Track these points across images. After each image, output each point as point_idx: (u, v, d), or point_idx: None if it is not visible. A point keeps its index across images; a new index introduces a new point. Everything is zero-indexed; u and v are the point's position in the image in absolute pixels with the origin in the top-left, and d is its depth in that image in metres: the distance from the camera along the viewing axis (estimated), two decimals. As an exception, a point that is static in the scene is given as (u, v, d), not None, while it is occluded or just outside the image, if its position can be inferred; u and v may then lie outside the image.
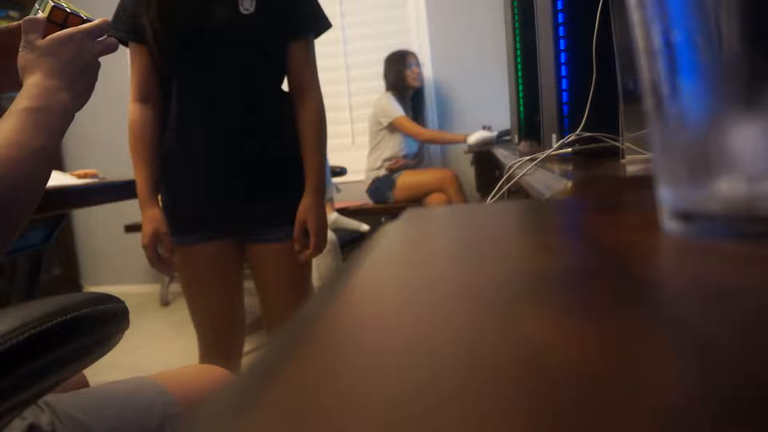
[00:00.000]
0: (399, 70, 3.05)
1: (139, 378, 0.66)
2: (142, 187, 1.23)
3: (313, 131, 1.28)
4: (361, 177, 3.18)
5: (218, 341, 1.33)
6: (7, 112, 0.57)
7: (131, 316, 0.54)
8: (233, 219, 1.27)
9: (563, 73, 0.82)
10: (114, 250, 3.86)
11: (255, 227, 1.29)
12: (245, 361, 1.46)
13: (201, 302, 1.32)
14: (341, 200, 3.07)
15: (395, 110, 3.00)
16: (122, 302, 0.52)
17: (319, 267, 2.16)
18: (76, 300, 0.47)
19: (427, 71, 3.44)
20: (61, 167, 3.40)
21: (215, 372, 0.74)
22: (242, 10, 1.19)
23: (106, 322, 0.49)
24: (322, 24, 1.30)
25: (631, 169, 0.58)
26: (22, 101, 0.58)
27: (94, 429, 0.56)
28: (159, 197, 1.27)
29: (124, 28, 1.24)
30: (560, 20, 0.81)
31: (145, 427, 0.59)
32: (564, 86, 0.82)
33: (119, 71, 3.88)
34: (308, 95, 1.28)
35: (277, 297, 1.33)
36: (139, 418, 0.59)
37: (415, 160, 3.18)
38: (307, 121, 1.28)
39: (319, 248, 1.28)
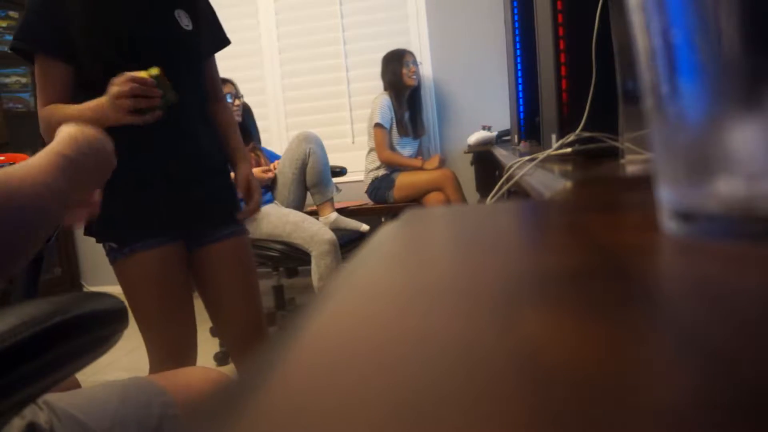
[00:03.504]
0: (395, 69, 3.05)
1: (137, 378, 0.66)
2: (79, 111, 1.13)
3: (232, 121, 1.47)
4: (361, 177, 3.18)
5: (172, 351, 1.31)
6: (47, 151, 0.57)
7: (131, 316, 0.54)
8: (184, 222, 1.27)
9: (563, 73, 0.82)
10: (114, 250, 3.86)
11: (203, 228, 1.31)
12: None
13: (156, 311, 1.28)
14: (341, 200, 3.07)
15: (380, 116, 3.00)
16: (121, 302, 0.52)
17: (319, 267, 2.16)
18: (75, 299, 0.47)
19: (427, 71, 3.44)
20: (61, 167, 3.39)
21: (213, 374, 0.74)
22: (183, 26, 1.26)
23: (105, 321, 0.49)
24: (226, 40, 1.48)
25: (631, 169, 0.58)
26: (59, 145, 0.58)
27: (92, 428, 0.56)
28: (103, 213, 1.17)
29: (51, 44, 1.15)
30: (560, 20, 0.81)
31: (143, 426, 0.59)
32: (564, 86, 0.82)
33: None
34: (221, 98, 1.46)
35: (233, 293, 1.36)
36: (138, 418, 0.59)
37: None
38: (226, 116, 1.45)
39: (258, 204, 1.39)
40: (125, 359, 2.46)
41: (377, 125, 3.00)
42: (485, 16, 3.29)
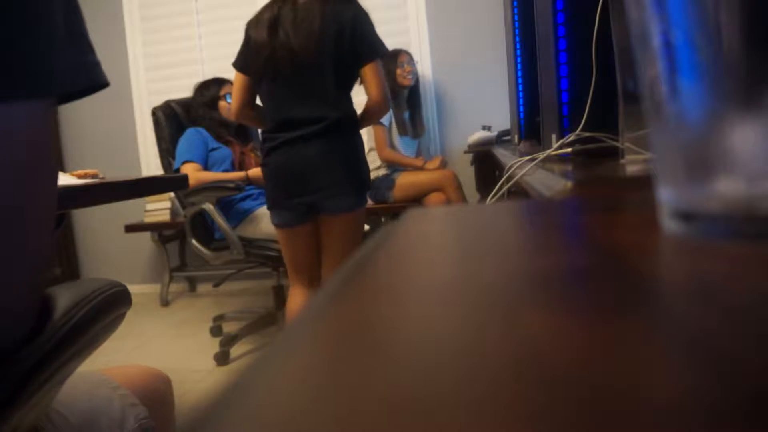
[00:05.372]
0: (390, 69, 3.04)
1: (91, 373, 0.68)
2: None
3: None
4: (361, 177, 3.17)
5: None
6: None
7: (131, 317, 0.56)
8: None
9: (563, 73, 0.82)
10: (114, 250, 3.86)
11: None
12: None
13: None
14: (341, 200, 3.06)
15: None
16: (125, 286, 0.57)
17: (319, 267, 2.16)
18: (101, 283, 0.53)
19: (427, 71, 3.44)
20: (61, 167, 3.40)
21: (150, 369, 0.78)
22: None
23: (124, 301, 0.55)
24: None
25: (631, 169, 0.58)
26: None
27: (72, 423, 0.57)
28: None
29: None
30: (560, 20, 0.81)
31: (110, 418, 0.62)
32: (564, 86, 0.82)
33: (121, 71, 3.89)
34: None
35: None
36: (106, 411, 0.62)
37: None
38: None
39: None
40: (125, 360, 2.46)
41: (378, 124, 3.00)
42: (485, 16, 3.29)
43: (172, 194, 3.14)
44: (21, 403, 0.40)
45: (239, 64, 1.75)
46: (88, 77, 0.38)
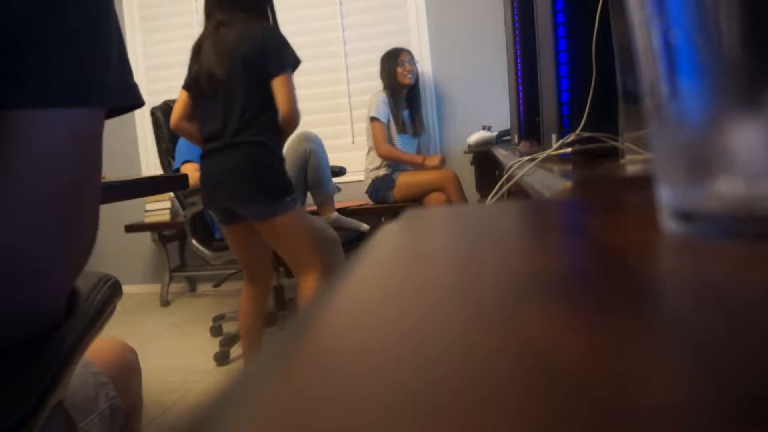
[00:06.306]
0: (391, 68, 3.04)
1: None
2: None
3: None
4: (361, 177, 3.18)
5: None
6: None
7: (131, 317, 0.57)
8: None
9: (563, 73, 0.82)
10: (114, 250, 3.85)
11: None
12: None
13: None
14: (341, 200, 3.06)
15: (375, 111, 3.00)
16: (116, 278, 0.61)
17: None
18: (100, 275, 0.56)
19: (427, 71, 3.44)
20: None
21: (119, 342, 0.80)
22: None
23: (120, 291, 0.59)
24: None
25: (631, 169, 0.58)
26: None
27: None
28: None
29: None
30: (560, 20, 0.81)
31: (86, 394, 0.64)
32: (564, 86, 0.82)
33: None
34: None
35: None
36: (81, 387, 0.64)
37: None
38: None
39: None
40: (125, 359, 2.46)
41: (373, 119, 3.00)
42: (485, 16, 3.29)
43: (172, 194, 3.14)
44: (64, 376, 0.45)
45: (184, 82, 1.97)
46: (132, 96, 0.44)
